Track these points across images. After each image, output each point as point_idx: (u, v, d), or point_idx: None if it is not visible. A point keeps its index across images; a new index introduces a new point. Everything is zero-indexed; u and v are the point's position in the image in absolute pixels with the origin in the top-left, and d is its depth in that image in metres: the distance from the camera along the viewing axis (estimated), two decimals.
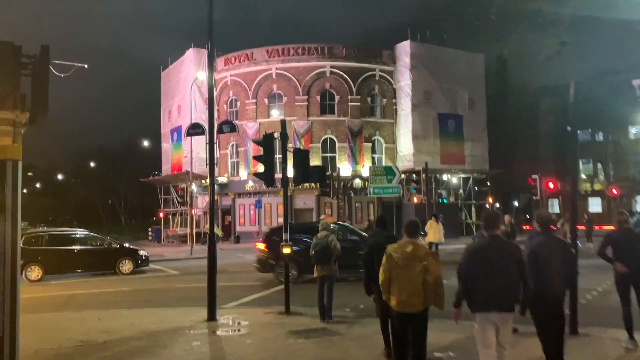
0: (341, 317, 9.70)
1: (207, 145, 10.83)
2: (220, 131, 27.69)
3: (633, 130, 51.09)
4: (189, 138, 35.03)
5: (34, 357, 7.44)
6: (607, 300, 10.24)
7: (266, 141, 10.75)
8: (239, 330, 8.92)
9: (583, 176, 57.91)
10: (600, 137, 54.35)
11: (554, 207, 54.98)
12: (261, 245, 16.12)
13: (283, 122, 10.92)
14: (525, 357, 6.65)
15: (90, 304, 12.32)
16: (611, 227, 8.10)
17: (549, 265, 5.75)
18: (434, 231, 20.62)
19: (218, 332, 8.83)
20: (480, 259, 5.32)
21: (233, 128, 24.36)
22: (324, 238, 9.56)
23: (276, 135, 11.22)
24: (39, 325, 9.51)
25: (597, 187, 53.81)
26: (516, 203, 60.43)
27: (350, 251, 13.54)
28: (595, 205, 54.60)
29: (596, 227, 27.45)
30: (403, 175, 38.17)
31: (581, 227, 26.40)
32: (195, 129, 29.07)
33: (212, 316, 9.64)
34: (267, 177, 10.63)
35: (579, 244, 12.81)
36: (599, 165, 54.12)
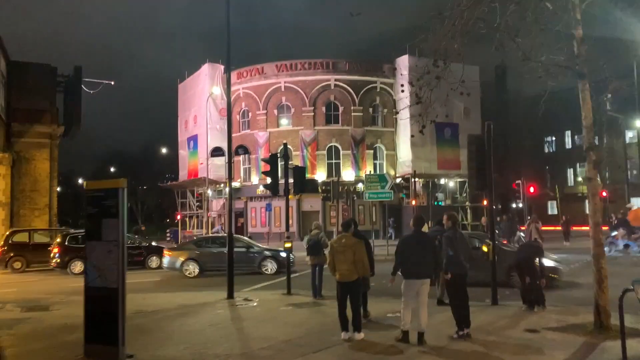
0: (330, 296, 12.58)
1: (227, 165, 13.91)
2: (236, 153, 33.81)
3: (629, 134, 53.15)
4: (204, 146, 38.92)
5: None
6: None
7: (272, 160, 13.79)
8: (251, 303, 11.96)
9: (579, 179, 60.25)
10: (596, 141, 56.30)
11: (553, 209, 57.65)
12: None
13: (285, 145, 14.00)
14: (444, 315, 9.55)
15: (132, 290, 15.05)
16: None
17: (455, 250, 8.62)
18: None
19: (235, 305, 11.88)
20: (408, 245, 8.35)
21: (246, 151, 30.33)
22: (316, 235, 12.64)
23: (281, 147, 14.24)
24: None
25: None
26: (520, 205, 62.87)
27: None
28: None
29: (572, 228, 30.15)
30: (402, 181, 41.15)
31: (559, 227, 29.28)
32: (217, 152, 34.57)
33: (230, 295, 12.66)
34: (272, 188, 13.66)
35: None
36: None
